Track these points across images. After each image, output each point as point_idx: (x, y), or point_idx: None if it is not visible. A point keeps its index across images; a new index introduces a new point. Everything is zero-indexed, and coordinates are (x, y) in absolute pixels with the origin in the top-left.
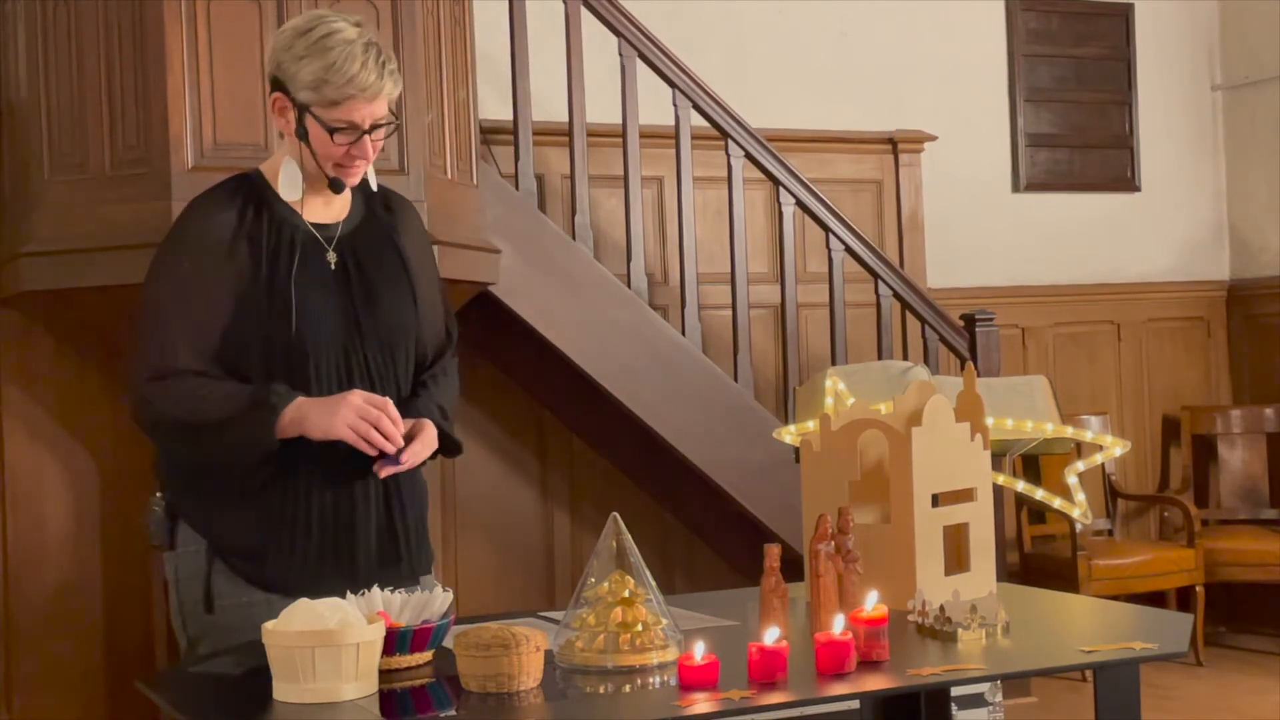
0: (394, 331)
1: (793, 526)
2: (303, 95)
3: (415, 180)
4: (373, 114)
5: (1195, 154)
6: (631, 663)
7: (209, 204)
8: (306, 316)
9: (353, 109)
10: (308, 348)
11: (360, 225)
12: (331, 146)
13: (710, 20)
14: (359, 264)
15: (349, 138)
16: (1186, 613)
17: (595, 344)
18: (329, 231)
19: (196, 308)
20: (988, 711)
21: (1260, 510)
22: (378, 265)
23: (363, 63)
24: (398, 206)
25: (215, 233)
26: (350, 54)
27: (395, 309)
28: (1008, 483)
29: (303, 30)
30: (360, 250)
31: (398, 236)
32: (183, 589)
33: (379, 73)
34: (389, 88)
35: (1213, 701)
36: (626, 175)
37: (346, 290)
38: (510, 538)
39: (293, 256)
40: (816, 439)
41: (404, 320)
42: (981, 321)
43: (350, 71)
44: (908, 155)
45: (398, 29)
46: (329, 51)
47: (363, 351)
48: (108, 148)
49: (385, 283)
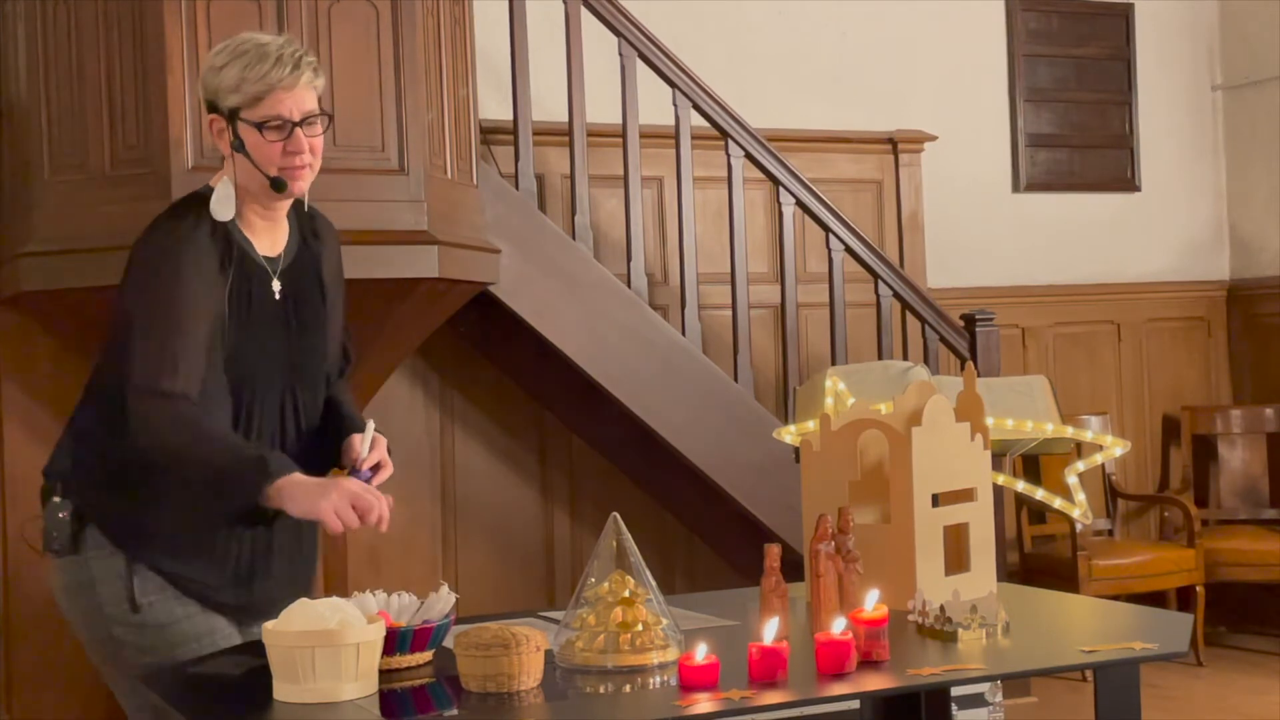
0: (319, 366)
1: (793, 526)
2: (229, 101)
3: (415, 180)
4: (298, 105)
5: (1195, 154)
6: (631, 663)
7: (194, 234)
8: (258, 348)
9: (276, 102)
10: (256, 380)
11: (296, 258)
12: (266, 146)
13: (710, 20)
14: (295, 299)
15: (279, 134)
16: (1186, 613)
17: (595, 344)
18: (274, 264)
19: (189, 331)
20: (988, 711)
21: (1260, 510)
22: (306, 298)
23: (277, 58)
24: (323, 232)
25: (204, 266)
26: (263, 52)
27: (320, 344)
28: (1008, 483)
29: (221, 48)
30: (296, 283)
31: (321, 266)
32: (101, 591)
33: (294, 64)
34: (308, 76)
35: (1213, 701)
36: (626, 175)
37: (286, 323)
38: (510, 538)
39: (251, 292)
40: (816, 439)
41: (321, 350)
42: (981, 321)
43: (264, 66)
44: (908, 155)
45: (398, 29)
46: (244, 54)
47: (294, 388)
48: (108, 148)
49: (313, 318)
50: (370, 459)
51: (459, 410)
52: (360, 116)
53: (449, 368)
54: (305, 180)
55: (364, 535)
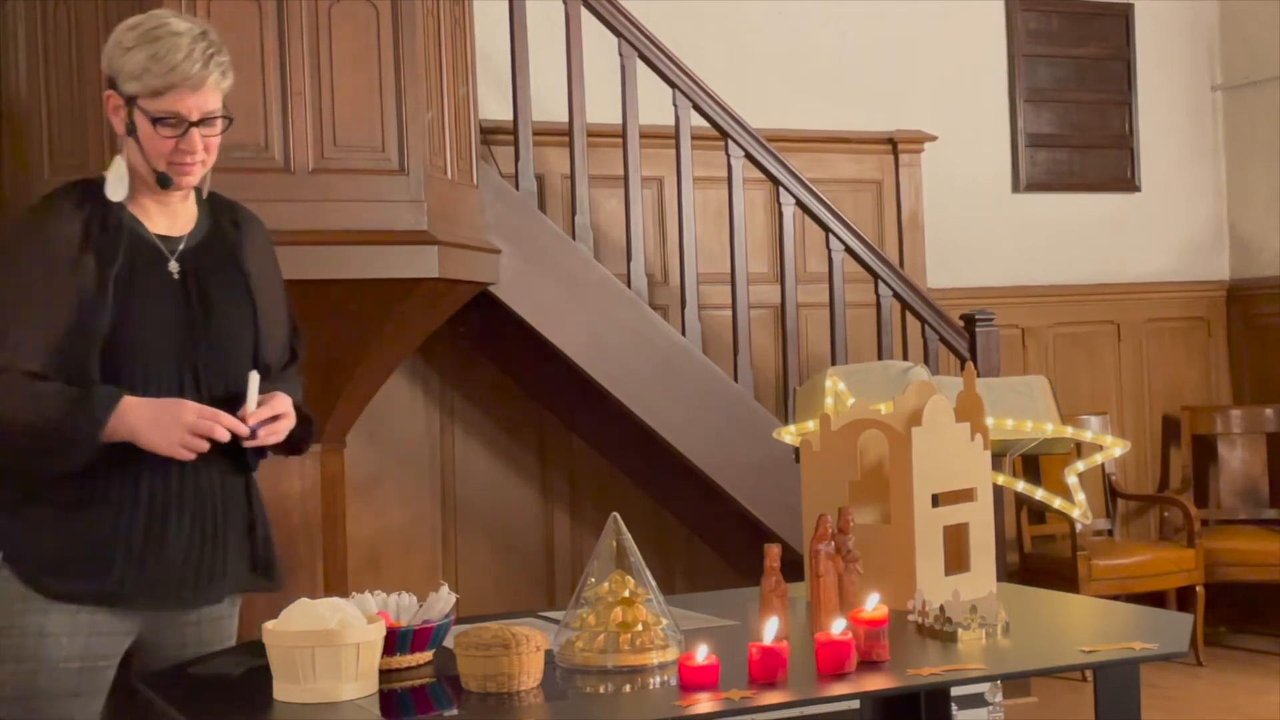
0: (230, 345)
1: (793, 526)
2: (129, 87)
3: (415, 180)
4: (200, 106)
5: (1195, 154)
6: (631, 663)
7: (55, 214)
8: (146, 326)
9: (177, 99)
10: (144, 357)
11: (205, 240)
12: (158, 140)
13: (710, 20)
14: (200, 278)
15: (174, 130)
16: (1186, 613)
17: (595, 344)
18: (173, 244)
19: (39, 313)
20: (988, 711)
21: (1260, 510)
22: (219, 280)
23: (188, 53)
24: (245, 223)
25: (59, 244)
26: (175, 45)
27: (232, 324)
28: (1008, 483)
29: (134, 25)
30: (202, 264)
31: (241, 253)
32: None
33: (204, 62)
34: (215, 78)
35: (1213, 701)
36: (626, 175)
37: (186, 303)
38: (510, 538)
39: (133, 267)
40: (816, 439)
41: (241, 335)
42: (981, 321)
43: (173, 60)
44: (908, 155)
45: (398, 29)
46: (155, 42)
47: (196, 364)
48: (108, 148)
49: (225, 298)
50: (261, 413)
51: (459, 410)
52: (360, 116)
53: (449, 368)
54: (194, 176)
55: (364, 535)
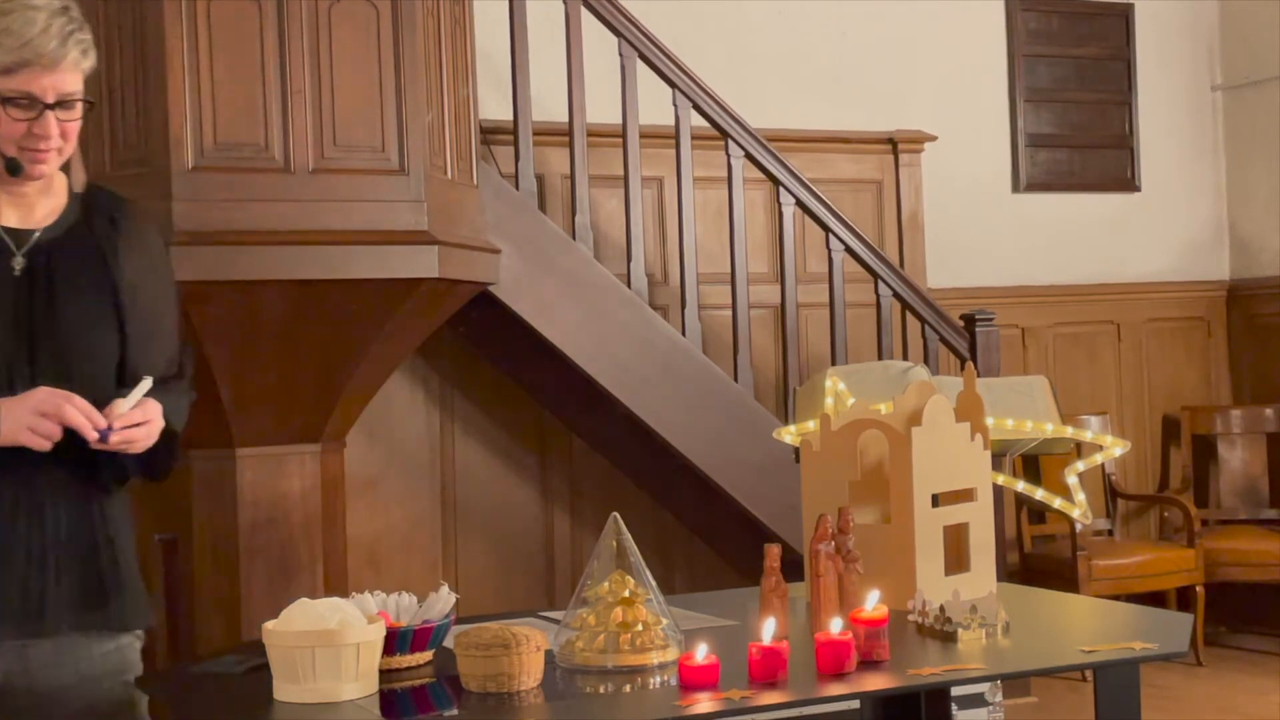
0: (74, 350)
1: (793, 526)
2: None
3: (415, 180)
4: (56, 87)
5: (1195, 154)
6: (631, 663)
7: None
8: None
9: (31, 78)
10: None
11: (65, 236)
12: (7, 122)
13: (710, 20)
14: (50, 277)
15: (27, 113)
16: (1186, 613)
17: (595, 344)
18: (22, 238)
19: None
20: (988, 711)
21: (1260, 510)
22: (76, 282)
23: (43, 28)
24: (126, 221)
25: None
26: (30, 19)
27: (81, 326)
28: (1008, 483)
29: None
30: (57, 263)
31: (113, 252)
32: None
33: (62, 39)
34: (74, 56)
35: (1213, 701)
36: (626, 175)
37: (27, 300)
38: (510, 538)
39: None
40: (816, 439)
41: (91, 340)
42: (981, 321)
43: (26, 35)
44: (908, 155)
45: (398, 29)
46: (7, 15)
47: (29, 367)
48: (108, 147)
49: (78, 300)
50: (130, 416)
51: (459, 410)
52: (360, 116)
53: (449, 368)
54: (49, 165)
55: (364, 535)
